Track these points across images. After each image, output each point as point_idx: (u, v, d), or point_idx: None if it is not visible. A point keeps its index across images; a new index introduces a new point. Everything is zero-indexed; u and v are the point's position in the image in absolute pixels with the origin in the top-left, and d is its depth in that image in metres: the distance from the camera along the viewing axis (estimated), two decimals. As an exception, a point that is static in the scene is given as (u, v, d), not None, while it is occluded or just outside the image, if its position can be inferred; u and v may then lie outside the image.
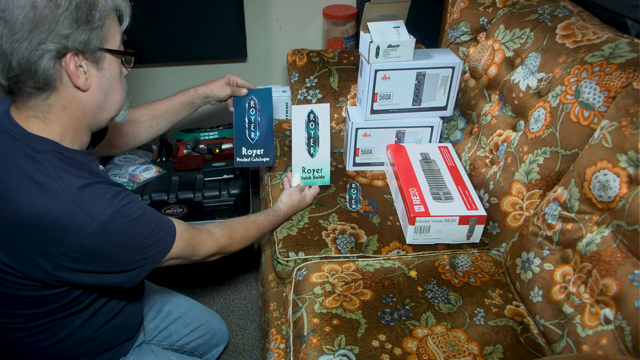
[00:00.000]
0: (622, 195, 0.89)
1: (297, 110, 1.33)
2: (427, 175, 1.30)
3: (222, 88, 1.31)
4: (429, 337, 0.97)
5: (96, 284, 0.85)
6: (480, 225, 1.20)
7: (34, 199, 0.75)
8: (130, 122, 1.19)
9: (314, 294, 1.07)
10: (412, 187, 1.25)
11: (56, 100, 0.79)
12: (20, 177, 0.76)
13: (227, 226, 1.08)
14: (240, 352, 1.57)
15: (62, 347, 0.93)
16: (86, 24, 0.76)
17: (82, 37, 0.76)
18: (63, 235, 0.76)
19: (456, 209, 1.19)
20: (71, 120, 0.82)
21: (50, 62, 0.75)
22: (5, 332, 0.89)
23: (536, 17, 1.27)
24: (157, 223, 0.88)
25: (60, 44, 0.74)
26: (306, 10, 1.97)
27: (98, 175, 0.84)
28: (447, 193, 1.24)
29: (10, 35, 0.72)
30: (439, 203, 1.21)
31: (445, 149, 1.41)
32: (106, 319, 0.97)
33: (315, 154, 1.35)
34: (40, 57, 0.74)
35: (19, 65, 0.73)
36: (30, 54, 0.73)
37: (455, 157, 1.38)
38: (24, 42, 0.72)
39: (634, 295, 0.83)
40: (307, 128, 1.33)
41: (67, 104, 0.80)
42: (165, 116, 1.26)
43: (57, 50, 0.74)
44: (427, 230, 1.19)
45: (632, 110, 0.92)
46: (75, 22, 0.74)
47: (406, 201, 1.21)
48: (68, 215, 0.76)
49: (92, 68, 0.80)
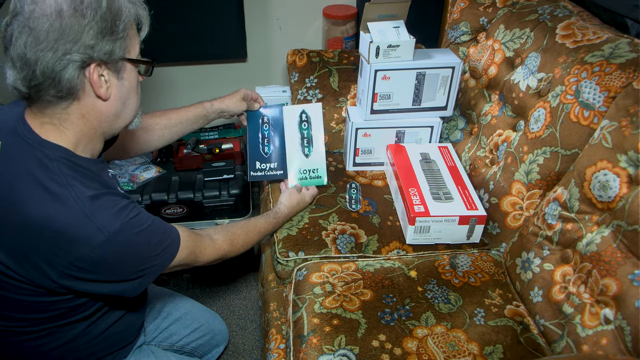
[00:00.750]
0: (622, 195, 0.89)
1: (288, 110, 1.33)
2: (427, 175, 1.30)
3: (237, 104, 1.32)
4: (429, 337, 0.97)
5: (100, 292, 0.84)
6: (480, 225, 1.20)
7: (44, 207, 0.75)
8: (143, 129, 1.19)
9: (314, 294, 1.07)
10: (412, 187, 1.25)
11: (75, 109, 0.79)
12: (31, 183, 0.76)
13: (228, 232, 1.08)
14: (240, 352, 1.57)
15: (64, 351, 0.93)
16: (110, 35, 0.76)
17: (107, 48, 0.76)
18: (71, 246, 0.76)
19: (456, 209, 1.19)
20: (87, 129, 0.82)
21: (75, 72, 0.75)
22: (9, 335, 0.89)
23: (536, 17, 1.27)
24: (163, 233, 0.88)
25: (85, 54, 0.74)
26: (306, 10, 1.97)
27: (108, 185, 0.84)
28: (447, 193, 1.24)
29: (35, 45, 0.72)
30: (439, 203, 1.21)
31: (445, 149, 1.41)
32: (108, 325, 0.97)
33: (310, 153, 1.35)
34: (65, 67, 0.74)
35: (43, 74, 0.73)
36: (55, 63, 0.73)
37: (455, 157, 1.38)
38: (49, 51, 0.72)
39: (634, 295, 0.83)
40: (300, 128, 1.33)
41: (86, 112, 0.80)
42: (179, 127, 1.27)
43: (82, 61, 0.75)
44: (427, 230, 1.19)
45: (632, 110, 0.92)
46: (100, 32, 0.75)
47: (406, 201, 1.21)
48: (77, 225, 0.76)
49: (113, 77, 0.81)
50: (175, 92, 2.08)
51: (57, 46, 0.72)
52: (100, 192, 0.80)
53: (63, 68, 0.74)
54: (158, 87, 2.05)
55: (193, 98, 2.08)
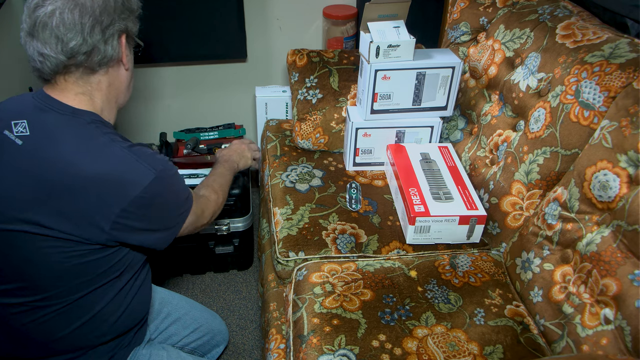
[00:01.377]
0: (622, 195, 0.89)
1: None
2: (427, 175, 1.30)
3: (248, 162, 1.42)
4: (429, 337, 0.97)
5: (140, 243, 0.93)
6: (480, 225, 1.20)
7: (95, 161, 0.84)
8: None
9: (314, 294, 1.07)
10: (412, 187, 1.25)
11: (106, 78, 0.92)
12: (76, 145, 0.85)
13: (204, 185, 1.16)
14: (240, 352, 1.57)
15: (91, 327, 0.96)
16: (130, 11, 0.92)
17: (132, 21, 0.93)
18: (125, 190, 0.85)
19: (456, 209, 1.19)
20: (111, 97, 0.95)
21: (115, 42, 0.89)
22: (37, 311, 0.92)
23: (536, 17, 1.27)
24: (184, 182, 1.00)
25: (122, 25, 0.90)
26: (306, 10, 1.97)
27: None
28: (447, 193, 1.24)
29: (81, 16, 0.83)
30: (439, 203, 1.21)
31: (445, 149, 1.41)
32: (133, 294, 1.01)
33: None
34: (111, 36, 0.88)
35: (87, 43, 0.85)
36: (102, 33, 0.86)
37: (456, 157, 1.38)
38: (96, 24, 0.85)
39: (634, 295, 0.83)
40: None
41: (112, 80, 0.94)
42: None
43: (120, 31, 0.90)
44: (427, 230, 1.19)
45: (632, 110, 0.92)
46: (128, 8, 0.91)
47: (406, 201, 1.21)
48: (128, 169, 0.85)
49: (127, 49, 0.95)
50: (176, 92, 2.08)
51: (102, 18, 0.86)
52: (135, 143, 0.91)
53: (108, 37, 0.87)
54: (158, 87, 2.06)
55: (193, 98, 2.10)
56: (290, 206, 1.32)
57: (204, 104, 2.12)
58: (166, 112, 2.12)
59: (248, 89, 2.09)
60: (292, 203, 1.33)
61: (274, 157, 1.54)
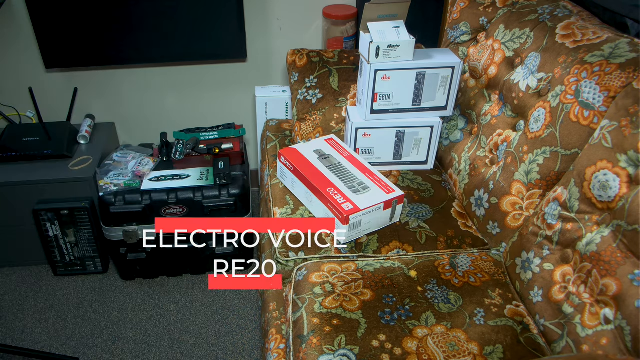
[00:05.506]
0: (622, 195, 0.89)
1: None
2: (333, 171, 1.28)
3: None
4: (429, 337, 0.97)
5: None
6: (400, 205, 1.22)
7: None
8: None
9: (314, 293, 1.08)
10: (329, 186, 1.23)
11: None
12: None
13: None
14: (240, 352, 1.57)
15: None
16: None
17: None
18: None
19: (378, 197, 1.20)
20: None
21: None
22: None
23: (536, 17, 1.27)
24: None
25: None
26: (306, 10, 1.97)
27: None
28: (361, 183, 1.24)
29: None
30: (360, 195, 1.20)
31: (332, 140, 1.40)
32: None
33: None
34: None
35: None
36: None
37: (345, 145, 1.37)
38: None
39: (634, 295, 0.83)
40: None
41: None
42: None
43: None
44: (359, 224, 1.19)
45: (632, 110, 0.92)
46: None
47: (330, 202, 1.19)
48: None
49: None
50: (176, 92, 2.08)
51: None
52: None
53: None
54: (158, 87, 2.06)
55: (193, 98, 2.10)
56: (290, 206, 1.33)
57: (204, 104, 2.13)
58: (166, 112, 2.13)
59: (248, 89, 2.09)
60: (292, 203, 1.33)
61: (274, 157, 1.54)
